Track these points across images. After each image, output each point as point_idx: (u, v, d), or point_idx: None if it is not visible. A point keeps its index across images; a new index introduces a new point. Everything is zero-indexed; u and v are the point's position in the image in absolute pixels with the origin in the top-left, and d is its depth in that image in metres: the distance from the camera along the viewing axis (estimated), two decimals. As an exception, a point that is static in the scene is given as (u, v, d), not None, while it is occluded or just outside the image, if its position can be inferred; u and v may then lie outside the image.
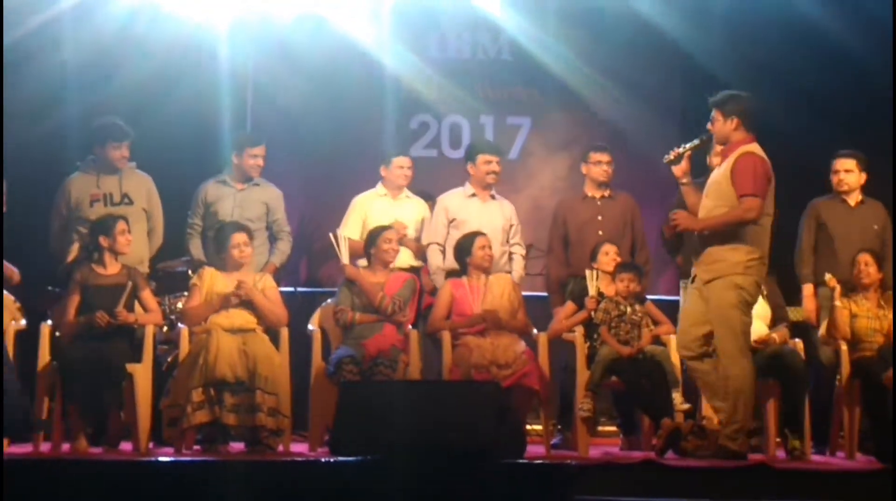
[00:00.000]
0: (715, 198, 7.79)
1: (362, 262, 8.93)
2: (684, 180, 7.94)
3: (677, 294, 9.51)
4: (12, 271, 8.44)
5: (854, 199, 9.10)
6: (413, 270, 9.20)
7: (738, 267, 7.69)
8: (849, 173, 9.08)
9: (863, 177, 9.11)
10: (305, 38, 10.53)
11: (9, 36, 9.52)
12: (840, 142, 9.33)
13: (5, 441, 7.98)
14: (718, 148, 8.15)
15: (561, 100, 10.83)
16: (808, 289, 8.96)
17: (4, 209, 8.48)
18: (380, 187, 9.46)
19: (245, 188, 9.28)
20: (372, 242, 8.83)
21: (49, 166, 9.36)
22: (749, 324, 7.77)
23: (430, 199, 9.49)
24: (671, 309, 8.88)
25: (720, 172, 7.81)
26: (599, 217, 9.17)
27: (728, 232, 7.71)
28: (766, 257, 7.77)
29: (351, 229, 9.28)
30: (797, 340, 8.61)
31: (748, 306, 7.73)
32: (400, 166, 9.44)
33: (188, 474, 7.11)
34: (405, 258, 9.26)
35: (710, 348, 7.78)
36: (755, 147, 7.79)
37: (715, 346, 7.74)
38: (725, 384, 7.68)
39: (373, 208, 9.38)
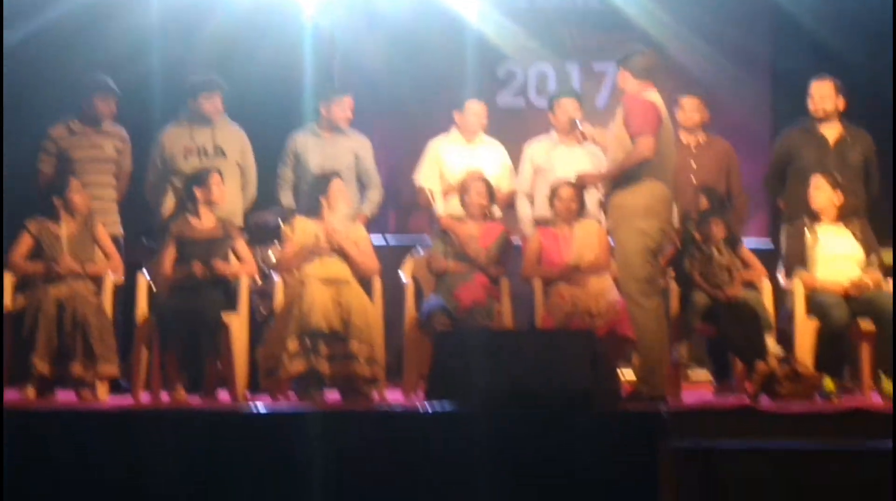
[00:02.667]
0: (615, 150, 7.82)
1: (456, 211, 8.96)
2: None
3: (768, 238, 9.50)
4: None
5: None
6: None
7: (639, 211, 7.67)
8: None
9: None
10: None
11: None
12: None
13: (106, 391, 8.16)
14: None
15: (647, 46, 10.69)
16: None
17: None
18: (454, 132, 9.45)
19: (334, 138, 9.33)
20: (465, 191, 8.86)
21: (137, 121, 9.44)
22: (653, 269, 7.72)
23: None
24: (761, 254, 8.86)
25: (615, 123, 7.82)
26: (693, 164, 9.13)
27: (628, 177, 7.69)
28: (669, 200, 7.71)
29: (425, 175, 9.30)
30: (890, 281, 8.54)
31: (651, 251, 7.70)
32: (473, 112, 9.39)
33: (284, 422, 7.19)
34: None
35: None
36: (645, 92, 7.77)
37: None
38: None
39: (448, 154, 9.38)
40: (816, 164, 8.78)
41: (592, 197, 8.93)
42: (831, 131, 8.88)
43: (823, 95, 8.91)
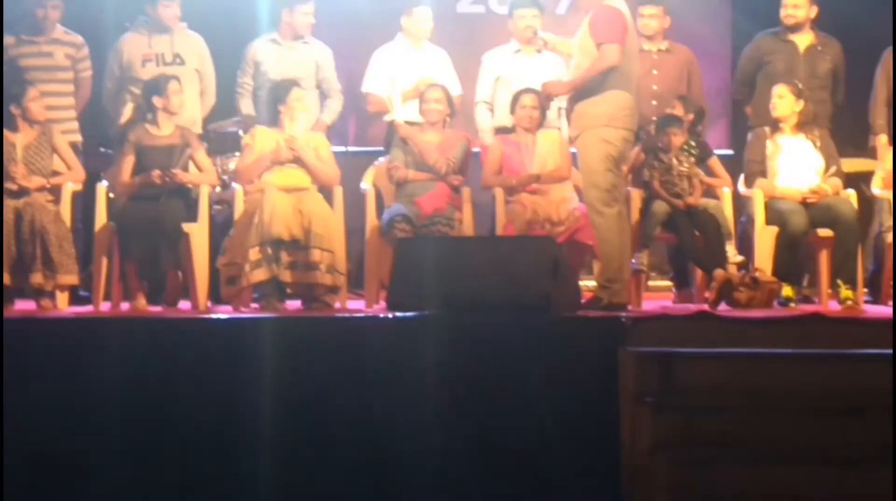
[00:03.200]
0: (580, 57, 7.79)
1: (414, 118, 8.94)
2: None
3: (727, 147, 9.51)
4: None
5: None
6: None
7: (602, 119, 7.66)
8: None
9: None
10: None
11: None
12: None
13: (66, 300, 8.14)
14: None
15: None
16: (881, 139, 8.88)
17: None
18: (399, 38, 9.40)
19: (294, 47, 9.26)
20: (422, 99, 8.83)
21: (93, 27, 9.33)
22: (615, 177, 7.71)
23: None
24: (721, 162, 8.90)
25: (580, 32, 7.81)
26: (654, 71, 9.12)
27: (592, 87, 7.67)
28: (633, 109, 7.71)
29: (373, 83, 9.26)
30: (850, 191, 8.58)
31: (614, 160, 7.68)
32: (421, 17, 9.32)
33: (246, 331, 7.19)
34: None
35: None
36: (612, 0, 7.73)
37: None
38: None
39: (396, 60, 9.31)
40: (786, 71, 8.79)
41: (553, 106, 8.92)
42: (802, 39, 8.87)
43: (796, 2, 8.89)
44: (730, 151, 9.85)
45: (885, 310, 8.30)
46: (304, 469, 6.73)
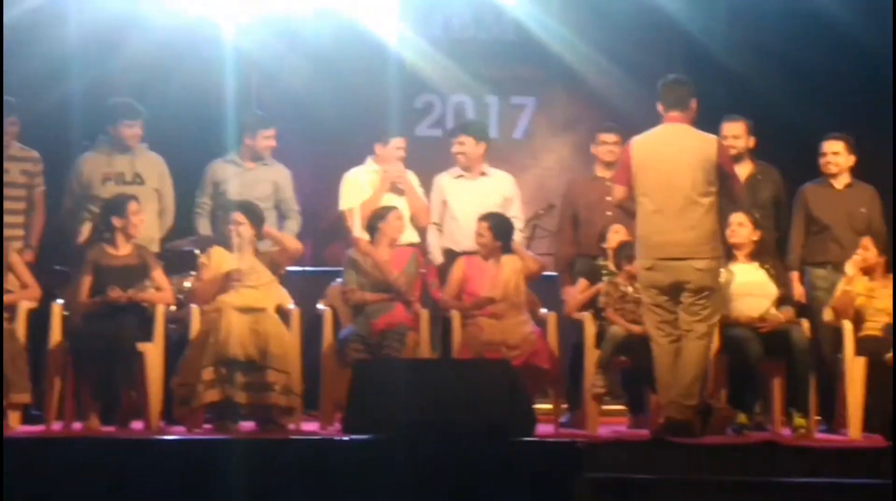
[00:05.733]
0: None
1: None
2: None
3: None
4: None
5: (841, 182, 9.12)
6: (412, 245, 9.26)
7: (638, 251, 7.87)
8: (836, 156, 9.10)
9: (851, 159, 9.12)
10: (309, 19, 10.51)
11: (10, 12, 9.52)
12: (837, 125, 9.36)
13: (18, 419, 8.07)
14: None
15: (566, 79, 10.85)
16: (794, 275, 8.99)
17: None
18: (370, 163, 9.46)
19: (253, 168, 9.33)
20: (381, 218, 8.86)
21: (52, 144, 9.36)
22: (651, 304, 7.83)
23: None
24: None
25: None
26: (609, 198, 9.20)
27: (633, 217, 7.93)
28: (642, 239, 7.81)
29: (349, 202, 9.33)
30: (803, 320, 8.65)
31: (644, 288, 7.84)
32: (396, 146, 9.41)
33: (199, 452, 7.17)
34: (408, 235, 9.31)
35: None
36: (636, 138, 7.94)
37: None
38: None
39: (368, 185, 9.37)
40: (728, 202, 8.89)
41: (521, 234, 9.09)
42: (742, 169, 8.99)
43: (735, 134, 9.04)
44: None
45: (838, 438, 8.35)
46: None
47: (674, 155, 7.80)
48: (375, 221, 8.92)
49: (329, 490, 6.79)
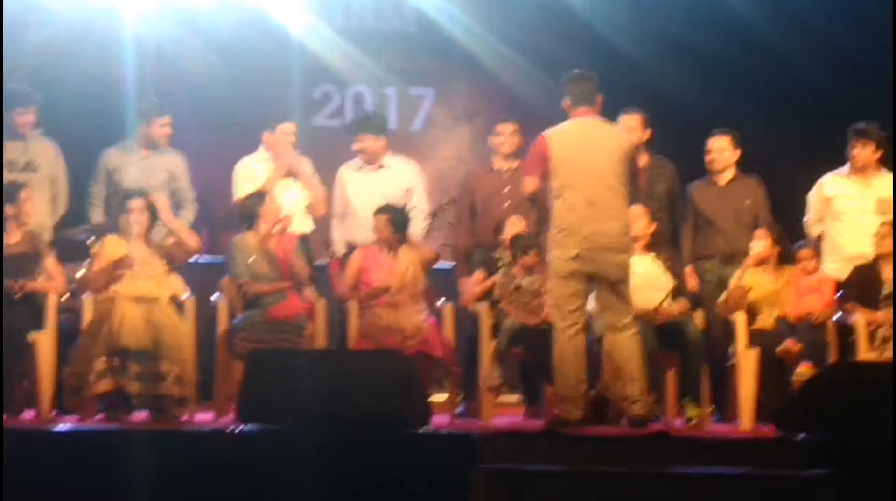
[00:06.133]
0: None
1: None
2: None
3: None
4: None
5: (725, 178, 9.26)
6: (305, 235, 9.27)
7: (551, 240, 7.86)
8: (721, 152, 9.24)
9: (736, 154, 9.26)
10: (212, 7, 10.42)
11: None
12: (736, 117, 9.46)
13: None
14: None
15: (466, 71, 10.88)
16: (687, 268, 9.08)
17: None
18: (261, 152, 9.43)
19: (148, 156, 9.24)
20: (257, 203, 8.79)
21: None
22: (566, 294, 7.81)
23: None
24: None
25: None
26: (507, 189, 9.25)
27: (544, 210, 7.93)
28: (569, 229, 7.79)
29: (244, 193, 9.28)
30: (696, 311, 8.74)
31: (562, 278, 7.80)
32: (284, 132, 9.38)
33: (91, 442, 7.11)
34: (303, 225, 9.29)
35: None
36: (550, 131, 7.95)
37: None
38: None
39: (261, 174, 9.33)
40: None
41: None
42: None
43: (631, 126, 9.10)
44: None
45: (730, 429, 8.44)
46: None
47: (595, 147, 7.84)
48: (252, 206, 8.83)
49: (222, 480, 6.75)
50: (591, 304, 7.94)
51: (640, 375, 7.81)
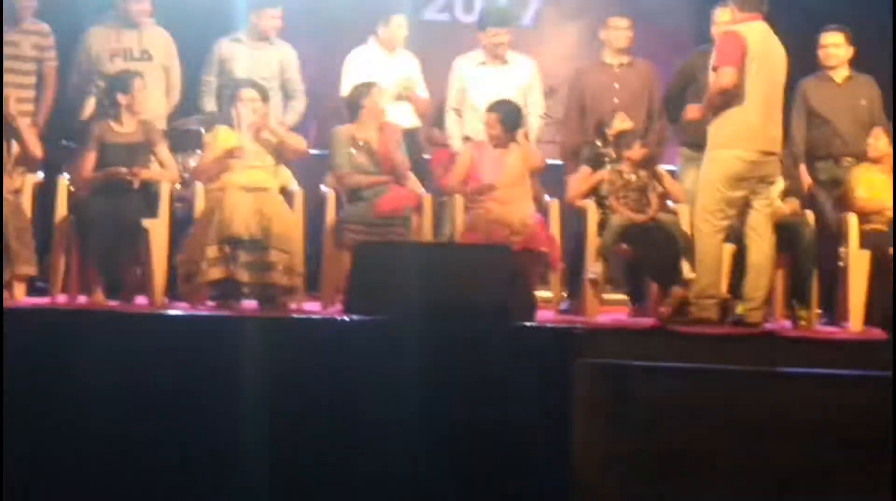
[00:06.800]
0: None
1: None
2: None
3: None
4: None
5: (841, 75, 9.07)
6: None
7: (717, 139, 7.80)
8: (836, 48, 9.02)
9: (850, 51, 9.04)
10: None
11: None
12: (832, 17, 9.26)
13: (23, 291, 8.11)
14: None
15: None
16: (801, 168, 8.96)
17: None
18: (372, 44, 9.43)
19: (260, 47, 9.27)
20: (363, 94, 8.79)
21: (62, 17, 9.28)
22: (721, 199, 7.79)
23: None
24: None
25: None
26: (616, 85, 9.16)
27: (717, 108, 7.80)
28: (754, 131, 7.75)
29: (349, 89, 9.30)
30: (808, 211, 8.65)
31: (724, 179, 7.77)
32: (398, 25, 9.37)
33: (202, 328, 7.23)
34: (410, 120, 9.29)
35: None
36: (738, 26, 7.82)
37: None
38: None
39: (368, 65, 9.32)
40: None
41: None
42: None
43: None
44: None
45: (838, 331, 8.38)
46: (255, 465, 6.72)
47: (776, 55, 7.86)
48: (358, 97, 8.84)
49: (329, 368, 6.83)
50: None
51: (766, 280, 7.81)
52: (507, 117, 8.76)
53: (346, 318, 7.28)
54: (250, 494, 6.66)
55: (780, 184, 8.52)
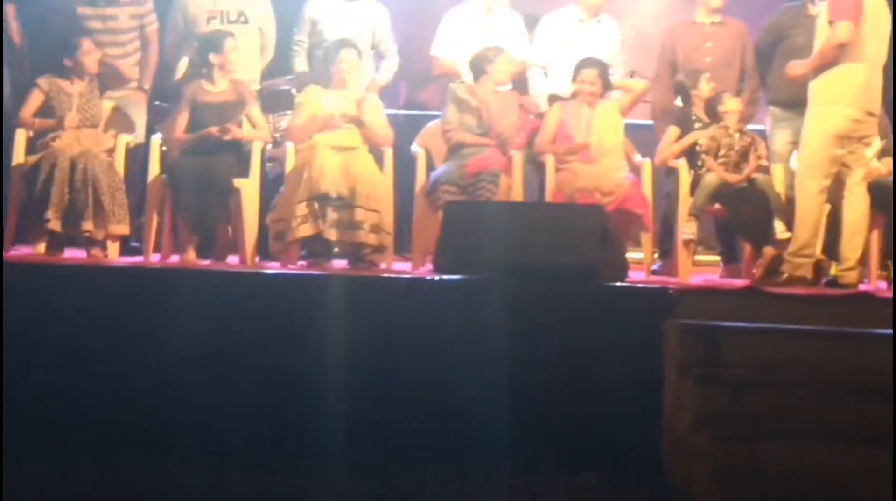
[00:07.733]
0: (820, 37, 7.86)
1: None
2: None
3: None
4: None
5: None
6: None
7: (825, 96, 7.71)
8: None
9: None
10: None
11: None
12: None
13: (117, 250, 8.20)
14: None
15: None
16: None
17: None
18: (470, 2, 9.39)
19: (351, 6, 9.25)
20: (488, 59, 8.76)
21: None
22: (827, 156, 7.76)
23: None
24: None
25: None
26: (708, 44, 9.05)
27: (826, 64, 7.72)
28: (866, 87, 7.70)
29: (442, 47, 9.26)
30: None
31: (830, 137, 7.73)
32: None
33: (293, 287, 7.27)
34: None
35: None
36: None
37: None
38: None
39: (466, 24, 9.30)
40: (805, 46, 8.61)
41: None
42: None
43: None
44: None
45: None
46: (344, 422, 6.77)
47: (886, 10, 7.79)
48: (482, 62, 8.83)
49: (418, 328, 6.85)
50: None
51: (861, 240, 7.77)
52: (605, 73, 8.70)
53: (436, 277, 7.28)
54: (341, 451, 6.71)
55: (876, 144, 8.40)
